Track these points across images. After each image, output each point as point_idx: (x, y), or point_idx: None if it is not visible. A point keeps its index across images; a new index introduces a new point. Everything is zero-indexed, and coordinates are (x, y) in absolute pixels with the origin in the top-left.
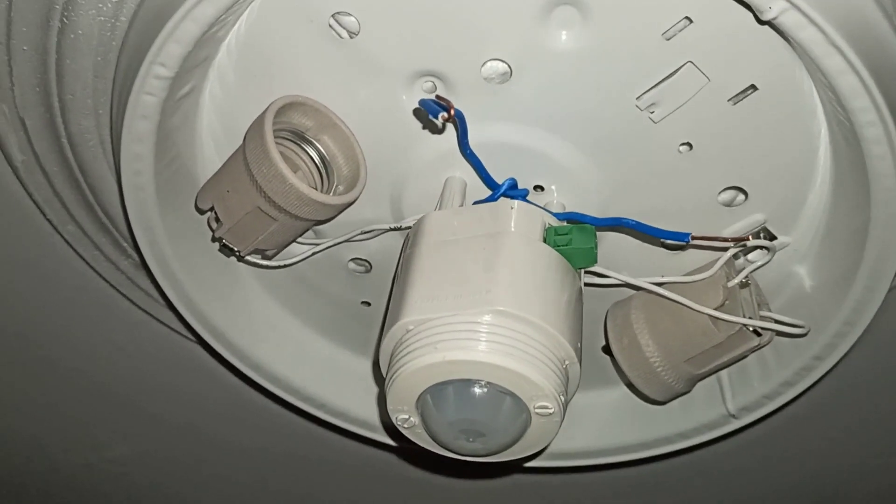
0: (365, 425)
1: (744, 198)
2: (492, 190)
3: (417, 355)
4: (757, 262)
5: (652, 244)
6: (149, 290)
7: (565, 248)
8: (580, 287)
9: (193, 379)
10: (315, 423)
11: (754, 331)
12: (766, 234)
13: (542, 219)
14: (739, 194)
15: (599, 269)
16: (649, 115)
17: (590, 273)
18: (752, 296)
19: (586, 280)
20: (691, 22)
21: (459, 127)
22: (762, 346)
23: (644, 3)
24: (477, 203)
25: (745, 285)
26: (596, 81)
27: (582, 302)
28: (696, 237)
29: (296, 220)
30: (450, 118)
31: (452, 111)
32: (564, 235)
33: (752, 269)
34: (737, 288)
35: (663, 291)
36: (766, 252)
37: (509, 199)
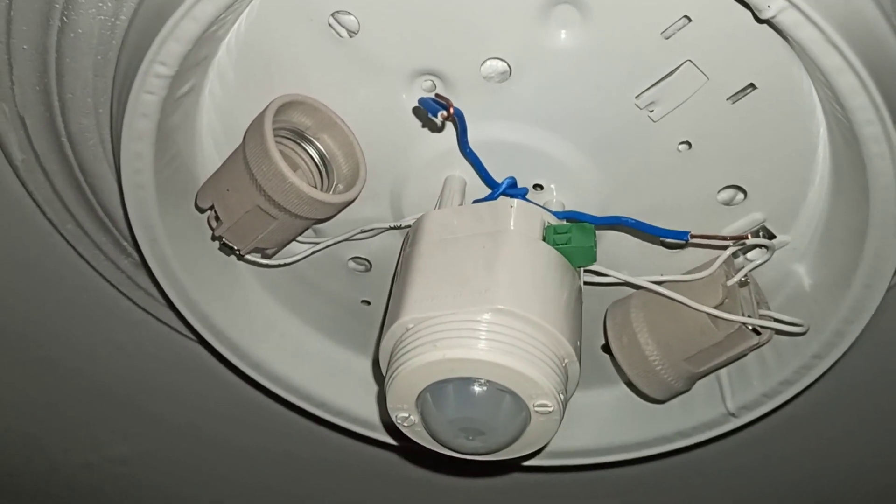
0: (365, 424)
1: (743, 196)
2: (491, 189)
3: (417, 353)
4: (756, 260)
5: (651, 243)
6: (149, 290)
7: (565, 247)
8: (579, 286)
9: (193, 378)
10: (315, 421)
11: (753, 329)
12: (766, 232)
13: (542, 217)
14: (738, 193)
15: (599, 267)
16: (648, 114)
17: (589, 272)
18: (752, 294)
19: (586, 279)
20: (690, 21)
21: (459, 125)
22: (761, 344)
23: (643, 2)
24: (476, 202)
25: (745, 284)
26: (595, 80)
27: (581, 300)
28: (695, 236)
29: (295, 218)
30: (449, 116)
31: (452, 109)
32: (564, 234)
33: (751, 267)
34: (736, 287)
35: (663, 290)
36: (765, 251)
37: (509, 198)
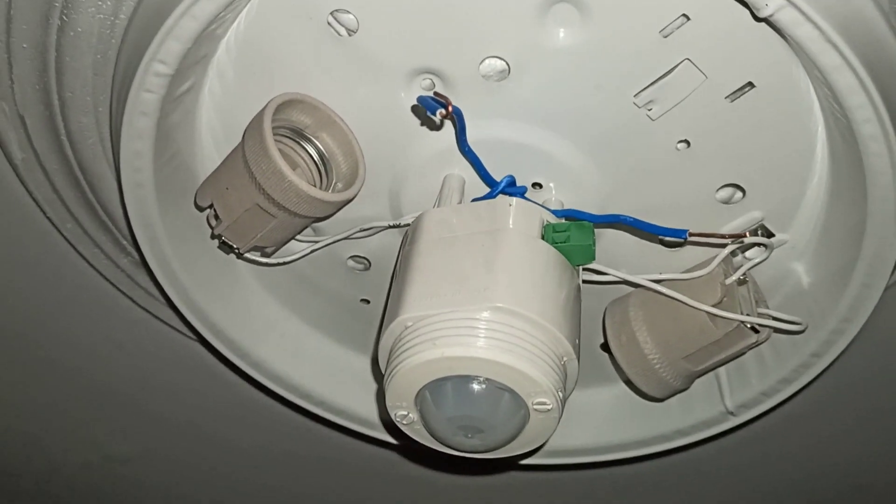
0: (364, 423)
1: (741, 195)
2: (490, 187)
3: (416, 351)
4: (754, 259)
5: (650, 241)
6: (148, 289)
7: (563, 245)
8: (578, 284)
9: (193, 377)
10: (314, 420)
11: (752, 328)
12: (764, 231)
13: (541, 216)
14: (737, 192)
15: (598, 266)
16: (647, 113)
17: (588, 270)
18: (750, 293)
19: (585, 277)
20: (689, 19)
21: (458, 124)
22: (760, 342)
23: (642, 1)
24: (475, 200)
25: (743, 282)
26: (594, 79)
27: (580, 299)
28: (693, 234)
29: (294, 217)
30: (447, 115)
31: (450, 108)
32: (562, 232)
33: (749, 266)
34: (734, 285)
35: (661, 288)
36: (764, 249)
37: (508, 197)
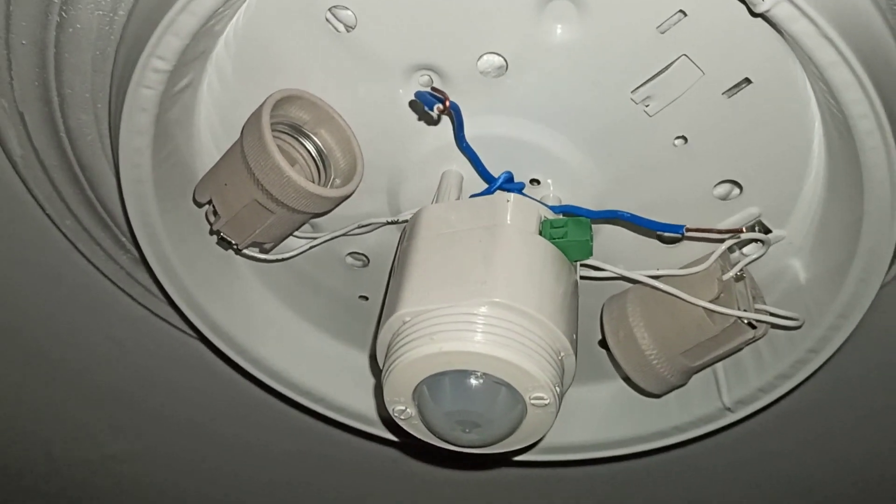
0: (363, 419)
1: (738, 191)
2: (488, 183)
3: (414, 346)
4: (752, 255)
5: (647, 237)
6: (147, 286)
7: (561, 241)
8: (576, 280)
9: (192, 374)
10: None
11: (749, 323)
12: (761, 227)
13: (538, 212)
14: (734, 188)
15: (595, 262)
16: (644, 109)
17: (586, 266)
18: (747, 289)
19: (582, 273)
20: (685, 15)
21: (455, 119)
22: (757, 338)
23: None
24: (473, 196)
25: (740, 278)
26: (591, 75)
27: (577, 295)
28: (690, 229)
29: (293, 212)
30: (445, 110)
31: (448, 103)
32: (560, 228)
33: (746, 262)
34: (732, 281)
35: (659, 284)
36: (761, 245)
37: (505, 193)
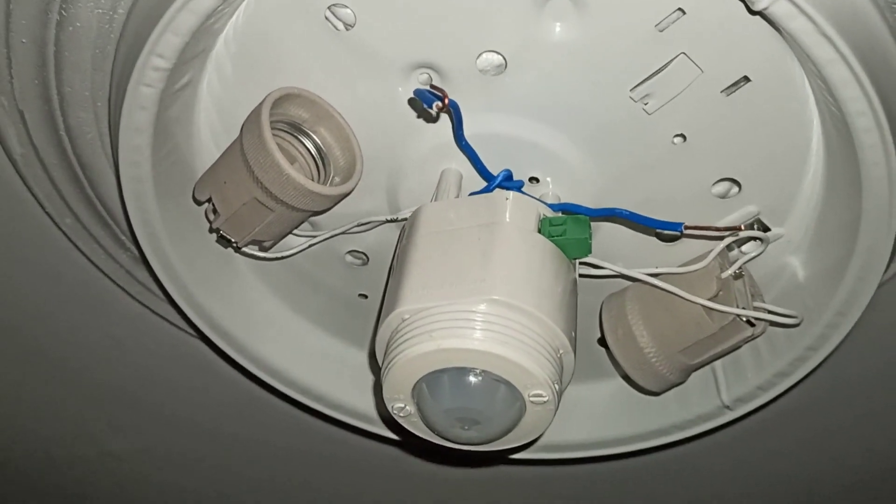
0: (362, 417)
1: (737, 189)
2: (487, 181)
3: (413, 344)
4: (750, 253)
5: (646, 235)
6: (147, 284)
7: (560, 239)
8: (575, 278)
9: (192, 373)
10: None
11: (748, 321)
12: (760, 225)
13: (537, 210)
14: (733, 186)
15: (594, 260)
16: (643, 107)
17: (585, 264)
18: (746, 287)
19: (581, 271)
20: (684, 13)
21: (454, 117)
22: (756, 336)
23: None
24: (473, 194)
25: (739, 276)
26: (590, 73)
27: (576, 292)
28: (688, 227)
29: (292, 210)
30: (444, 107)
31: (447, 100)
32: (559, 226)
33: (745, 259)
34: (730, 279)
35: (657, 282)
36: (760, 243)
37: (504, 191)
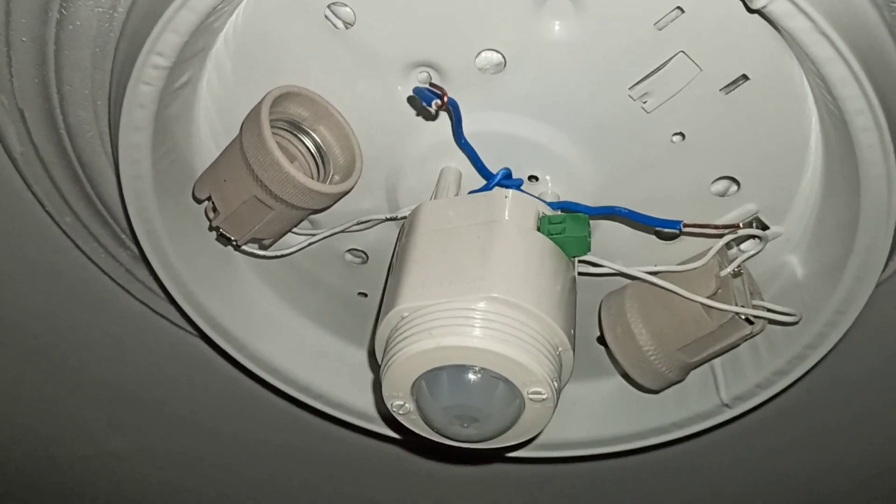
0: (362, 416)
1: (736, 188)
2: (486, 180)
3: (412, 341)
4: (749, 251)
5: (645, 233)
6: (147, 282)
7: (559, 237)
8: (574, 276)
9: (191, 371)
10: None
11: (746, 319)
12: (759, 223)
13: (536, 208)
14: (732, 184)
15: (593, 258)
16: (642, 105)
17: (584, 262)
18: (745, 285)
19: (581, 270)
20: (683, 12)
21: (454, 116)
22: (754, 334)
23: None
24: (472, 193)
25: (738, 274)
26: (589, 72)
27: (576, 290)
28: (687, 225)
29: (292, 208)
30: (443, 105)
31: (446, 98)
32: (558, 224)
33: (744, 258)
34: (729, 277)
35: (656, 280)
36: (758, 241)
37: (504, 189)
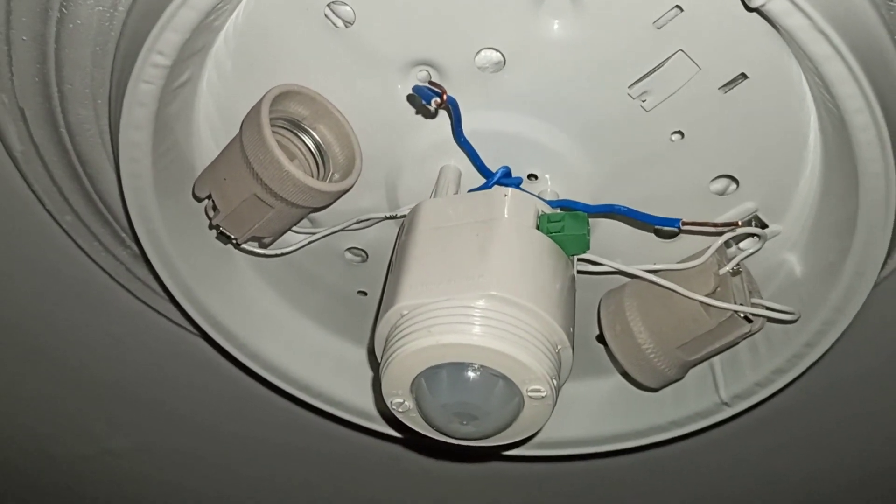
0: (362, 414)
1: (735, 186)
2: (486, 178)
3: (412, 339)
4: (748, 249)
5: (644, 231)
6: (147, 281)
7: (558, 235)
8: (573, 274)
9: (191, 370)
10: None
11: (745, 317)
12: (758, 221)
13: (536, 206)
14: (731, 183)
15: (592, 256)
16: (641, 104)
17: (583, 261)
18: (744, 283)
19: (580, 268)
20: (682, 10)
21: (453, 114)
22: (753, 332)
23: None
24: (471, 191)
25: (737, 273)
26: (588, 70)
27: (575, 289)
28: (686, 223)
29: (292, 207)
30: (443, 103)
31: (445, 96)
32: (557, 222)
33: (742, 256)
34: (728, 275)
35: (656, 279)
36: (757, 240)
37: (503, 187)
